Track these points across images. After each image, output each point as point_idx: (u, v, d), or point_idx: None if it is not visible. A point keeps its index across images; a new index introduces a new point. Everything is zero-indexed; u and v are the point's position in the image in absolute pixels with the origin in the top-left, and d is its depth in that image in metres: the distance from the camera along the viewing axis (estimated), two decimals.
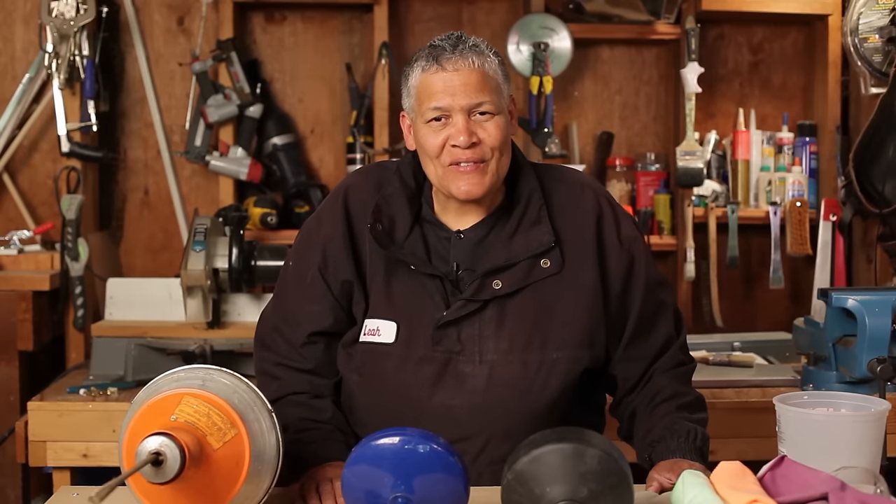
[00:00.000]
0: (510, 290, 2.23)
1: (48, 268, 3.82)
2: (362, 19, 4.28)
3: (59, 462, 3.19)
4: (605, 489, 1.70)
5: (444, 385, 2.22)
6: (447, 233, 2.30)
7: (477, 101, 2.20)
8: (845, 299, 3.06)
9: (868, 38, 3.72)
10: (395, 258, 2.26)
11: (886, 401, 2.11)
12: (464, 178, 2.21)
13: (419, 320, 2.24)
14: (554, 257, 2.25)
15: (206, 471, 1.79)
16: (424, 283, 2.25)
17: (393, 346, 2.24)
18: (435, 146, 2.22)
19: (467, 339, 2.22)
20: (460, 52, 2.22)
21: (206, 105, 4.03)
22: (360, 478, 1.80)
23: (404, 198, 2.31)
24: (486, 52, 2.25)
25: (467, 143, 2.19)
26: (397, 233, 2.28)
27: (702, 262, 4.19)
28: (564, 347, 2.24)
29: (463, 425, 2.22)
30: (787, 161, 4.25)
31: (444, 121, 2.22)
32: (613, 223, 2.33)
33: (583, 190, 2.36)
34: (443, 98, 2.20)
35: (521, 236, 2.26)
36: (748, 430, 3.18)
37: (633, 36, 4.23)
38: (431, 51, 2.25)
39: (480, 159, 2.21)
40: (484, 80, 2.22)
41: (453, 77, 2.20)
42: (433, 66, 2.23)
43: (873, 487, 1.85)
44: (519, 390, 2.22)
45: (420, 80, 2.26)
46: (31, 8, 4.08)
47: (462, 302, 2.22)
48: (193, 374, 1.90)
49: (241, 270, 3.46)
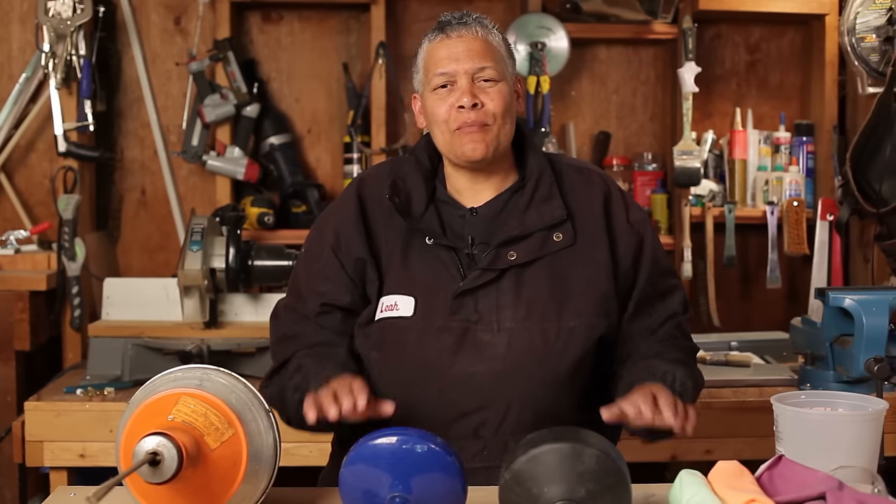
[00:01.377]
0: (525, 260, 2.26)
1: (45, 268, 3.82)
2: (359, 19, 4.28)
3: (56, 462, 3.18)
4: (602, 489, 1.70)
5: (463, 354, 2.23)
6: (461, 210, 2.34)
7: (480, 65, 2.27)
8: (842, 299, 3.06)
9: (865, 37, 3.72)
10: (413, 231, 2.29)
11: (884, 400, 2.12)
12: (468, 138, 2.26)
13: (436, 292, 2.26)
14: (566, 231, 2.29)
15: (203, 471, 1.78)
16: (441, 256, 2.28)
17: (412, 319, 2.26)
18: (442, 112, 2.28)
19: (485, 308, 2.24)
20: (465, 23, 2.31)
21: (203, 105, 4.03)
22: (358, 477, 1.80)
23: (420, 177, 2.35)
24: (489, 27, 2.34)
25: (470, 102, 2.25)
26: (414, 208, 2.32)
27: (699, 261, 4.20)
28: (581, 315, 2.26)
29: (485, 393, 2.23)
30: (785, 161, 4.25)
31: (449, 87, 2.28)
32: (623, 206, 2.37)
33: (590, 173, 2.42)
34: (447, 63, 2.28)
35: (533, 210, 2.30)
36: (745, 429, 3.18)
37: (630, 36, 4.23)
38: (438, 24, 2.34)
39: (483, 122, 2.26)
40: (487, 49, 2.29)
41: (457, 43, 2.29)
42: (439, 36, 2.31)
43: (871, 487, 1.85)
44: (539, 357, 2.24)
45: (427, 51, 2.33)
46: (28, 8, 4.07)
47: (479, 272, 2.25)
48: (191, 374, 1.90)
49: (238, 270, 3.46)
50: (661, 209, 4.23)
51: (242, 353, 3.43)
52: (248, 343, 3.42)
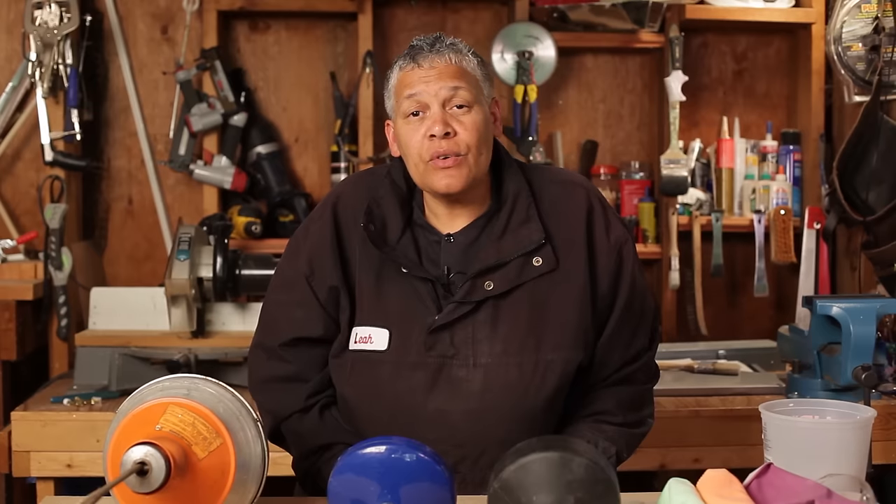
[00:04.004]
0: (502, 290, 2.22)
1: (32, 277, 3.81)
2: (346, 28, 4.28)
3: (42, 472, 3.17)
4: (591, 498, 1.70)
5: (438, 391, 2.21)
6: (437, 236, 2.28)
7: (452, 86, 2.21)
8: (830, 307, 3.06)
9: (851, 46, 3.73)
10: (388, 260, 2.24)
11: (871, 408, 2.12)
12: (443, 173, 2.20)
13: (411, 326, 2.22)
14: (546, 255, 2.24)
15: (191, 480, 1.78)
16: (416, 288, 2.23)
17: (385, 353, 2.23)
18: (414, 143, 2.22)
19: (460, 342, 2.21)
20: (437, 50, 2.24)
21: (191, 114, 4.03)
22: (347, 487, 1.79)
23: (395, 201, 2.30)
24: (463, 51, 2.27)
25: (442, 131, 2.18)
26: (389, 234, 2.27)
27: (686, 270, 4.20)
28: (558, 349, 2.23)
29: (460, 431, 2.21)
30: (772, 169, 4.26)
31: (421, 116, 2.22)
32: (604, 222, 2.31)
33: (574, 188, 2.35)
34: (418, 86, 2.21)
35: (510, 235, 2.24)
36: (733, 437, 3.18)
37: (617, 45, 4.24)
38: (409, 50, 2.27)
39: (457, 153, 2.19)
40: (460, 73, 2.23)
41: (429, 73, 2.22)
42: (410, 65, 2.25)
43: (859, 495, 1.85)
44: (515, 393, 2.21)
45: (398, 78, 2.27)
46: (15, 17, 4.06)
47: (454, 305, 2.21)
48: (178, 384, 1.89)
49: (225, 279, 3.46)
50: (648, 218, 4.23)
51: (230, 362, 3.42)
52: (236, 352, 3.41)
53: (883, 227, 3.62)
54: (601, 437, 2.28)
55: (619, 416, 2.33)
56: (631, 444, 2.36)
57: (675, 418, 3.21)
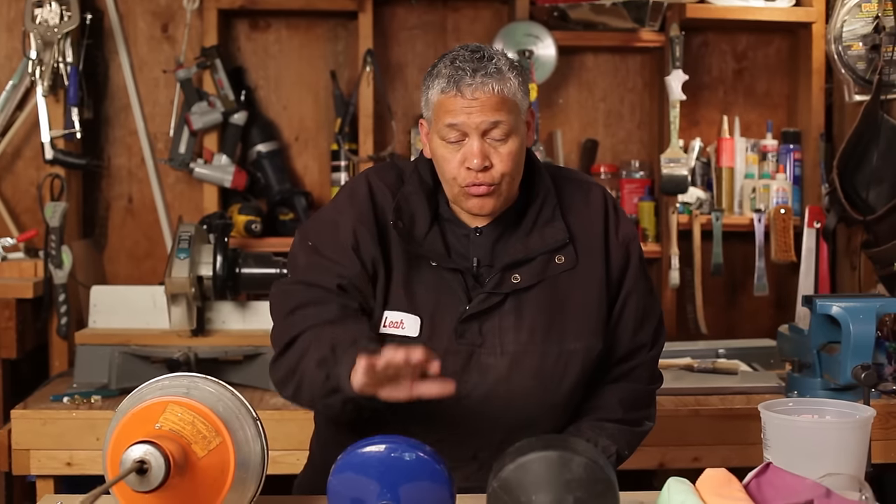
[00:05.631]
0: (528, 283, 2.27)
1: (32, 275, 3.81)
2: (347, 27, 4.28)
3: (42, 471, 3.17)
4: (590, 497, 1.70)
5: (468, 377, 2.24)
6: (465, 230, 2.32)
7: (493, 121, 2.20)
8: (829, 306, 3.06)
9: (852, 45, 3.73)
10: (417, 254, 2.27)
11: (871, 407, 2.12)
12: (475, 200, 2.24)
13: (442, 314, 2.26)
14: (568, 253, 2.30)
15: (190, 479, 1.78)
16: (446, 278, 2.27)
17: (417, 339, 2.24)
18: (450, 168, 2.23)
19: (488, 331, 2.26)
20: (481, 77, 2.20)
21: (191, 112, 4.02)
22: (346, 486, 1.80)
23: (423, 196, 2.33)
24: (506, 75, 2.23)
25: (480, 166, 2.20)
26: (417, 230, 2.30)
27: (686, 269, 4.20)
28: (580, 338, 2.29)
29: (485, 416, 2.25)
30: (772, 168, 4.26)
31: (458, 143, 2.22)
32: (615, 221, 2.38)
33: (590, 189, 2.42)
34: (458, 116, 2.20)
35: (536, 233, 2.30)
36: (733, 437, 3.19)
37: (617, 43, 4.23)
38: (453, 72, 2.21)
39: (491, 183, 2.22)
40: (502, 103, 2.21)
41: (472, 104, 2.20)
42: (452, 91, 2.21)
43: (858, 494, 1.86)
44: (539, 380, 2.26)
45: (439, 99, 2.24)
46: (15, 15, 4.06)
47: (484, 295, 2.25)
48: (178, 382, 1.90)
49: (225, 278, 3.45)
50: (648, 217, 4.23)
51: (230, 360, 3.42)
52: (236, 351, 3.41)
53: (883, 227, 3.62)
54: (602, 435, 2.30)
55: (619, 413, 2.36)
56: (632, 442, 2.39)
57: (675, 417, 3.21)
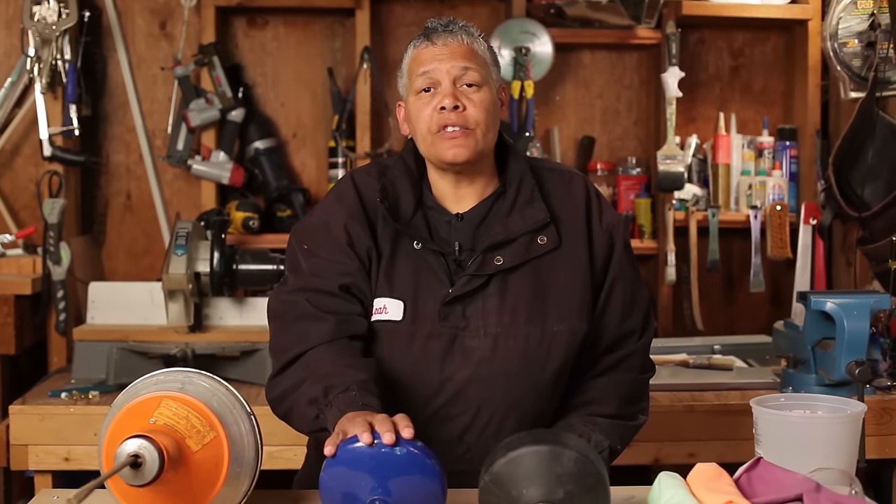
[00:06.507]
0: (511, 265, 2.27)
1: (30, 272, 3.82)
2: (344, 24, 4.29)
3: (40, 466, 3.18)
4: (581, 491, 1.71)
5: (452, 360, 2.25)
6: (447, 216, 2.34)
7: (463, 66, 2.28)
8: (824, 302, 3.07)
9: (847, 42, 3.73)
10: (402, 235, 2.29)
11: (862, 403, 2.13)
12: (450, 143, 2.26)
13: (425, 298, 2.27)
14: (550, 234, 2.31)
15: (184, 473, 1.79)
16: (429, 261, 2.28)
17: (401, 323, 2.26)
18: (424, 115, 2.28)
19: (471, 314, 2.26)
20: (450, 30, 2.33)
21: (189, 109, 4.03)
22: (338, 480, 1.81)
23: (408, 181, 2.35)
24: (475, 35, 2.35)
25: (452, 104, 2.24)
26: (402, 213, 2.32)
27: (682, 265, 4.21)
28: (563, 320, 2.29)
29: (471, 397, 2.26)
30: (768, 165, 4.27)
31: (432, 91, 2.28)
32: (598, 208, 2.39)
33: (572, 177, 2.43)
34: (430, 63, 2.29)
35: (516, 214, 2.31)
36: (728, 432, 3.19)
37: (614, 40, 4.24)
38: (424, 31, 2.36)
39: (465, 125, 2.26)
40: (471, 54, 2.31)
41: (442, 49, 2.30)
42: (424, 43, 2.32)
43: (848, 489, 1.86)
44: (524, 362, 2.27)
45: (412, 56, 2.34)
46: (13, 12, 4.07)
47: (467, 278, 2.26)
48: (173, 378, 1.91)
49: (222, 274, 3.46)
50: (644, 213, 4.24)
51: (227, 356, 3.43)
52: (233, 347, 3.42)
53: (878, 223, 3.62)
54: (595, 430, 2.30)
55: (612, 408, 2.36)
56: (625, 437, 2.39)
57: (670, 413, 3.22)
